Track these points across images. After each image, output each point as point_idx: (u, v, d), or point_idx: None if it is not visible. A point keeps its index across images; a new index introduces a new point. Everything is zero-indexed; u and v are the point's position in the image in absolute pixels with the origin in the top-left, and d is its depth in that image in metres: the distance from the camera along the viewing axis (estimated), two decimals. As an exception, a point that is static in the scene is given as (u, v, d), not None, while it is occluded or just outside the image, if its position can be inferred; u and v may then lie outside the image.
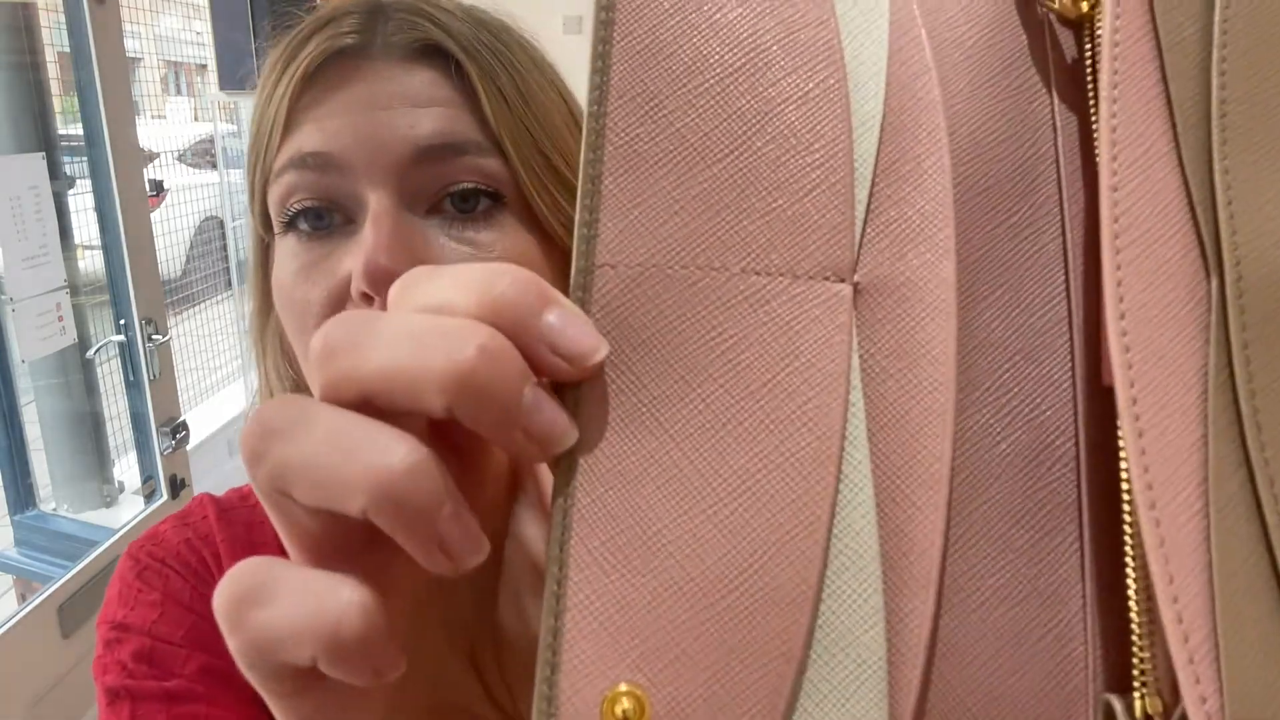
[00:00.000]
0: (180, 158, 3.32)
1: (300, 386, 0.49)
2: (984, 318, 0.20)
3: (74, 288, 1.56)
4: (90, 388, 1.80)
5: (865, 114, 0.19)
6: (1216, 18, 0.19)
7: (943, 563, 0.18)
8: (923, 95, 0.20)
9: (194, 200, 3.02)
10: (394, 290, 0.19)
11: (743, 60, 0.19)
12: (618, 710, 0.16)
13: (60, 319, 1.49)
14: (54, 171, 1.52)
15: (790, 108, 0.19)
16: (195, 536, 0.51)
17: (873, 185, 0.19)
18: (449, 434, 0.19)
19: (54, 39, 1.63)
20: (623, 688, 0.17)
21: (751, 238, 0.19)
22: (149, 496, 1.73)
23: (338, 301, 0.41)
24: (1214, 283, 0.18)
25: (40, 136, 1.61)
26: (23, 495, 1.74)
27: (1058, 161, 0.21)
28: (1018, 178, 0.21)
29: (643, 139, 0.19)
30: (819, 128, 0.19)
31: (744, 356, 0.18)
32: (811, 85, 0.19)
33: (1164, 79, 0.19)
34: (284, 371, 0.49)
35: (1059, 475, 0.19)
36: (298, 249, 0.42)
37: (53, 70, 1.63)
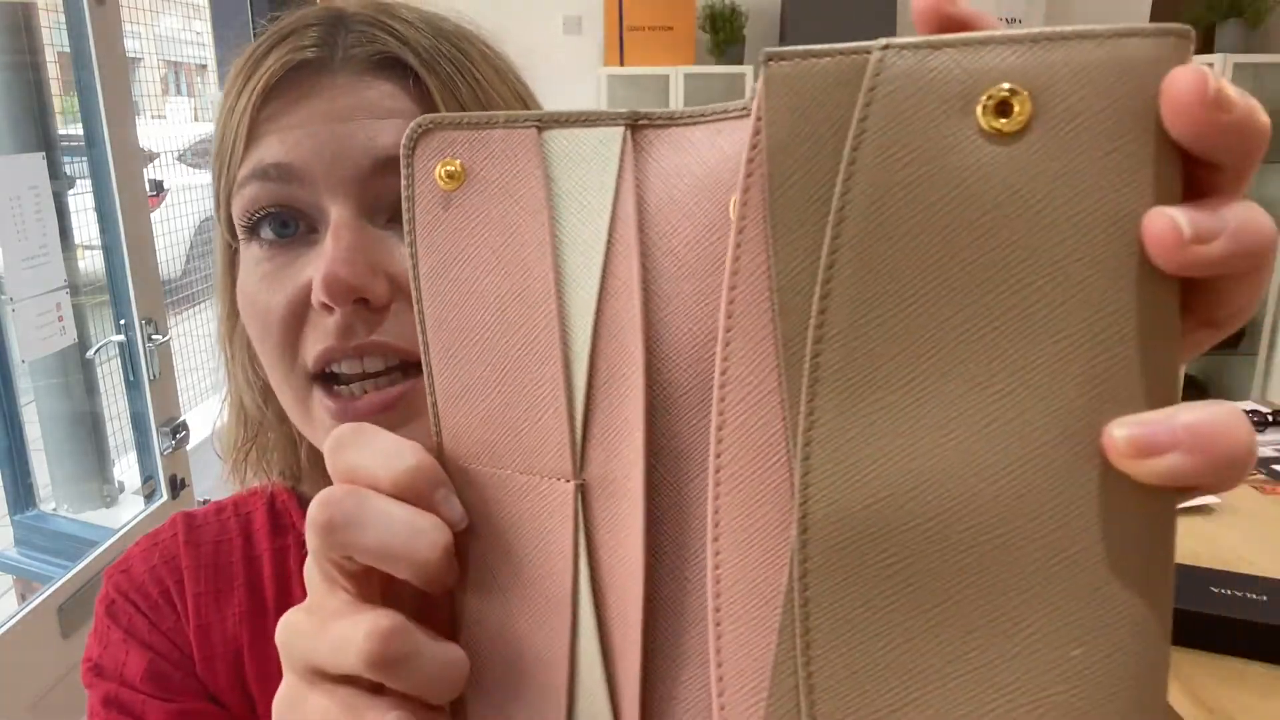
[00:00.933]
0: (180, 158, 3.32)
1: (266, 391, 0.49)
2: (692, 502, 0.25)
3: (74, 288, 1.56)
4: (90, 388, 1.80)
5: (578, 351, 0.26)
6: (824, 251, 0.21)
7: (644, 676, 0.25)
8: (627, 328, 0.25)
9: (194, 200, 3.03)
10: (329, 445, 0.27)
11: (495, 318, 0.26)
12: None
13: (60, 319, 1.50)
14: (54, 171, 1.53)
15: (525, 352, 0.26)
16: (161, 561, 0.53)
17: (587, 406, 0.26)
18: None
19: (54, 39, 1.63)
20: None
21: (516, 446, 0.26)
22: (149, 496, 1.73)
23: (299, 310, 0.42)
24: (795, 513, 0.22)
25: (40, 136, 1.61)
26: (23, 495, 1.74)
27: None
28: (708, 387, 0.25)
29: (453, 376, 0.27)
30: (542, 370, 0.26)
31: (519, 533, 0.26)
32: (537, 337, 0.26)
33: (775, 312, 0.22)
34: (251, 377, 0.50)
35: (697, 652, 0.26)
36: (260, 257, 0.43)
37: (53, 70, 1.63)
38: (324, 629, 0.26)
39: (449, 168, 0.26)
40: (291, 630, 0.27)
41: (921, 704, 0.21)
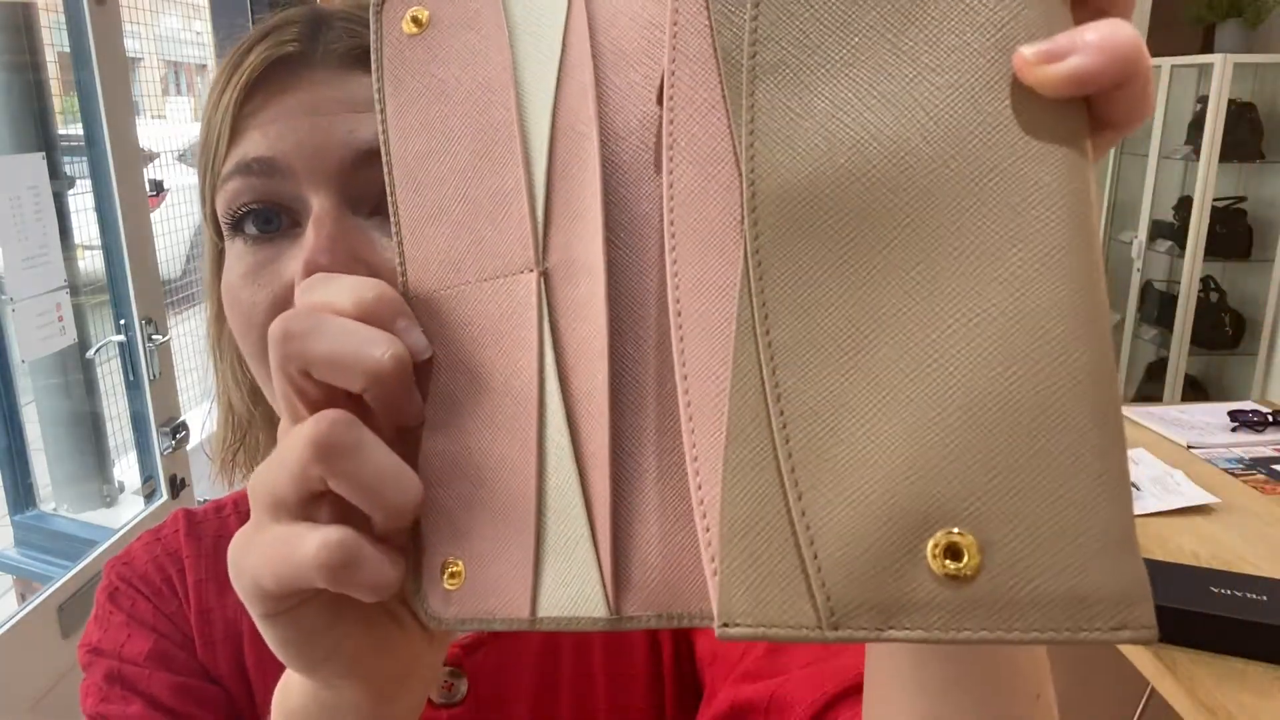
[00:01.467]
0: (180, 158, 3.31)
1: (255, 392, 0.49)
2: (649, 270, 0.27)
3: (74, 288, 1.56)
4: (90, 388, 1.80)
5: (536, 147, 0.28)
6: None
7: (612, 451, 0.26)
8: (582, 119, 0.27)
9: (194, 200, 3.01)
10: (299, 290, 0.29)
11: (457, 137, 0.29)
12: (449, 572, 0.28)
13: (60, 319, 1.50)
14: (54, 171, 1.53)
15: (487, 161, 0.28)
16: (164, 553, 0.54)
17: (547, 196, 0.28)
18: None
19: (54, 39, 1.63)
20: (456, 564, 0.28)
21: (480, 253, 0.28)
22: (149, 496, 1.73)
23: (283, 305, 0.41)
24: (744, 194, 0.24)
25: (40, 136, 1.61)
26: (23, 495, 1.74)
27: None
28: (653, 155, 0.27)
29: (419, 202, 0.29)
30: (504, 172, 0.28)
31: (482, 346, 0.28)
32: (499, 143, 0.28)
33: (712, 31, 0.25)
34: (240, 377, 0.50)
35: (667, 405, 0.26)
36: (244, 252, 0.42)
37: (53, 70, 1.63)
38: (280, 448, 0.27)
39: (415, 14, 0.29)
40: (257, 472, 0.28)
41: (879, 343, 0.22)
